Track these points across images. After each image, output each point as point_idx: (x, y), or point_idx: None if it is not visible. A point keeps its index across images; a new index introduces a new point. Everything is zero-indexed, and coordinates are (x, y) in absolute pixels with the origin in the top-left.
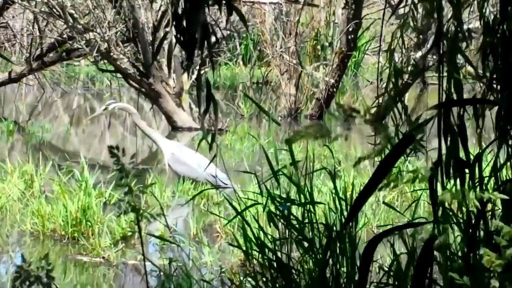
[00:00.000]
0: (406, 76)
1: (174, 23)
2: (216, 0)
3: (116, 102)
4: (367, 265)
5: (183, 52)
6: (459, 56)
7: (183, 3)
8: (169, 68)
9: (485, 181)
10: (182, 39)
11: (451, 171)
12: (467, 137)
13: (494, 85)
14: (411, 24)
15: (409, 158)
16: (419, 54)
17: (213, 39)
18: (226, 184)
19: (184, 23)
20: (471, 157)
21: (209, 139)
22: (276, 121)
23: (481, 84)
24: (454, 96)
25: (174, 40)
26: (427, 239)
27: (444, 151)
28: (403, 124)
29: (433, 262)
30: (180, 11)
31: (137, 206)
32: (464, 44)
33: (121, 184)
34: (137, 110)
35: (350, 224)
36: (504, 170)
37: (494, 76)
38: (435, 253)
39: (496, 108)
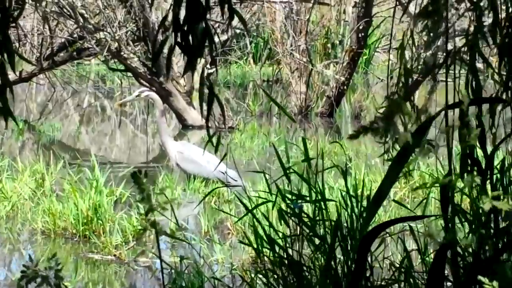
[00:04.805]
0: (416, 74)
1: (175, 28)
2: (219, 4)
3: (149, 91)
4: (364, 256)
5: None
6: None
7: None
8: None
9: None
10: (183, 44)
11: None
12: (485, 136)
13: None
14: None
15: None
16: (429, 52)
17: (224, 37)
18: (236, 181)
19: (185, 29)
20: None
21: (215, 139)
22: (291, 117)
23: (495, 82)
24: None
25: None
26: (443, 243)
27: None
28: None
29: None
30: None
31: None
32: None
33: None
34: (148, 109)
35: (361, 221)
36: None
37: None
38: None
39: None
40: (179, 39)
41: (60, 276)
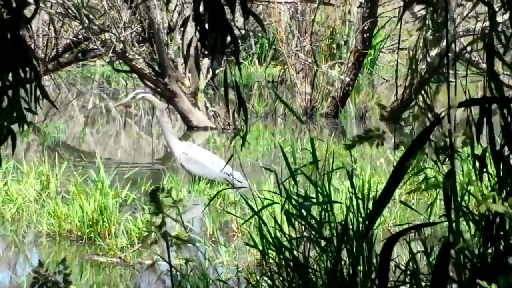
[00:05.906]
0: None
1: (196, 27)
2: (230, 4)
3: (145, 92)
4: (386, 264)
5: (199, 52)
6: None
7: (203, 7)
8: (186, 66)
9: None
10: (206, 42)
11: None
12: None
13: None
14: (430, 24)
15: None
16: (434, 52)
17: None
18: (241, 182)
19: (206, 27)
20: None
21: (229, 139)
22: (300, 119)
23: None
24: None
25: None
26: (445, 242)
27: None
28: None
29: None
30: (201, 14)
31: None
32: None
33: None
34: (153, 110)
35: (366, 222)
36: None
37: None
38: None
39: None
40: (201, 39)
41: (69, 280)
